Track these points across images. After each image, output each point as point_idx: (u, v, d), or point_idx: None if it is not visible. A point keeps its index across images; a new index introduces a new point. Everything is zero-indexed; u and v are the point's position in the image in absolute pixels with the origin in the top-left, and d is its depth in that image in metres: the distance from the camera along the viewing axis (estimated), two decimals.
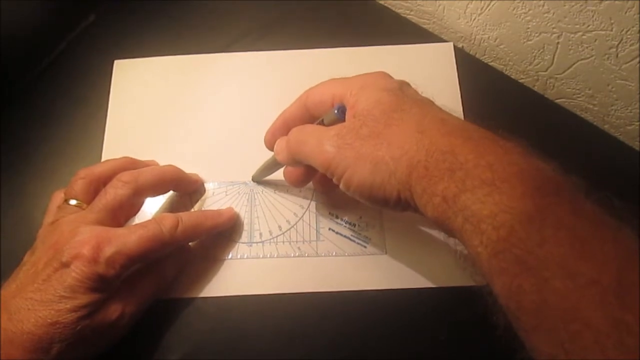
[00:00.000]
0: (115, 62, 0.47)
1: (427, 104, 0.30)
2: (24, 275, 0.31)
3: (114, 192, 0.34)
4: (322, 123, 0.32)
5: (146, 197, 0.37)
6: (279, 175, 0.41)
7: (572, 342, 0.20)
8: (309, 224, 0.39)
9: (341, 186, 0.30)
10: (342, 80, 0.33)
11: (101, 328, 0.31)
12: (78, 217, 0.33)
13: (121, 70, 0.46)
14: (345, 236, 0.39)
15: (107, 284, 0.31)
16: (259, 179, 0.41)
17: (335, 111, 0.31)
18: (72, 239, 0.31)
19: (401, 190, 0.27)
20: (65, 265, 0.30)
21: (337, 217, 0.40)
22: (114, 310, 0.32)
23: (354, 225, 0.39)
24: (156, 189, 0.37)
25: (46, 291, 0.30)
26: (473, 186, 0.24)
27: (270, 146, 0.37)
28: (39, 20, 0.48)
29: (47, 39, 0.48)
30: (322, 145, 0.30)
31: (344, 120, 0.31)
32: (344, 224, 0.39)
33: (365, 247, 0.39)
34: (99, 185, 0.35)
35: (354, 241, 0.39)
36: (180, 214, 0.35)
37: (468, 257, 0.26)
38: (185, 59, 0.47)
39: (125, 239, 0.32)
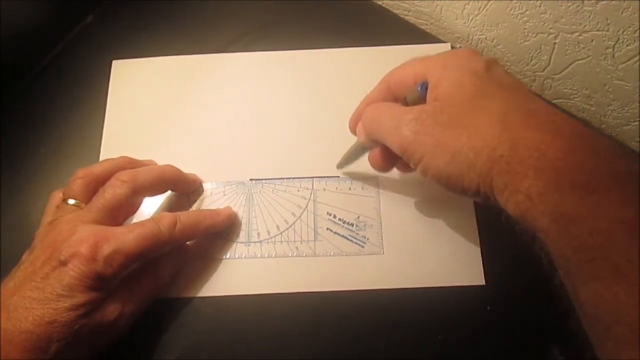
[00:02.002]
0: (114, 62, 0.47)
1: (514, 90, 0.28)
2: (21, 274, 0.31)
3: (112, 192, 0.34)
4: (405, 102, 0.31)
5: (144, 196, 0.37)
6: (277, 174, 0.41)
7: None
8: (307, 224, 0.39)
9: (418, 172, 0.30)
10: (425, 59, 0.32)
11: (100, 328, 0.31)
12: (76, 216, 0.33)
13: (119, 71, 0.46)
14: (343, 236, 0.39)
15: (105, 282, 0.31)
16: (344, 166, 0.40)
17: (419, 88, 0.30)
18: (70, 238, 0.31)
19: (481, 184, 0.26)
20: (64, 263, 0.30)
21: (335, 217, 0.40)
22: (113, 310, 0.32)
23: (352, 225, 0.39)
24: (155, 189, 0.37)
25: (44, 289, 0.30)
26: (563, 186, 0.23)
27: (354, 130, 0.36)
28: (38, 21, 0.48)
29: (45, 39, 0.48)
30: (400, 128, 0.29)
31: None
32: (342, 224, 0.39)
33: (363, 247, 0.39)
34: (97, 185, 0.35)
35: (351, 241, 0.39)
36: (178, 213, 0.35)
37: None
38: (184, 59, 0.47)
39: (124, 238, 0.32)
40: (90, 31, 0.49)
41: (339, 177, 0.41)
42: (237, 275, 0.38)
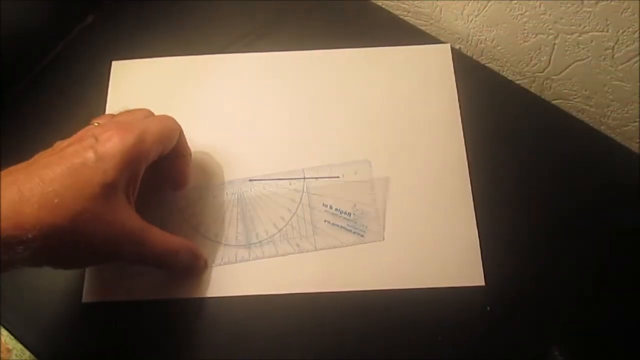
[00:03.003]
0: (113, 62, 0.47)
1: None
2: (38, 156, 0.31)
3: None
4: None
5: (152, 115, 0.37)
6: (272, 171, 0.41)
7: None
8: (304, 219, 0.39)
9: None
10: None
11: (107, 226, 0.30)
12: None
13: (119, 71, 0.46)
14: (341, 227, 0.39)
15: (137, 164, 0.31)
16: None
17: None
18: (97, 128, 0.32)
19: None
20: (97, 140, 0.30)
21: (331, 208, 0.39)
22: (125, 213, 0.31)
23: (349, 214, 0.39)
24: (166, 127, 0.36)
25: (70, 160, 0.29)
26: None
27: None
28: (38, 21, 0.48)
29: (45, 40, 0.48)
30: None
31: None
32: (339, 214, 0.39)
33: (362, 235, 0.38)
34: None
35: (350, 231, 0.39)
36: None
37: None
38: (183, 60, 0.47)
39: (146, 122, 0.33)
40: (90, 31, 0.49)
41: (329, 165, 0.41)
42: (238, 277, 0.38)
